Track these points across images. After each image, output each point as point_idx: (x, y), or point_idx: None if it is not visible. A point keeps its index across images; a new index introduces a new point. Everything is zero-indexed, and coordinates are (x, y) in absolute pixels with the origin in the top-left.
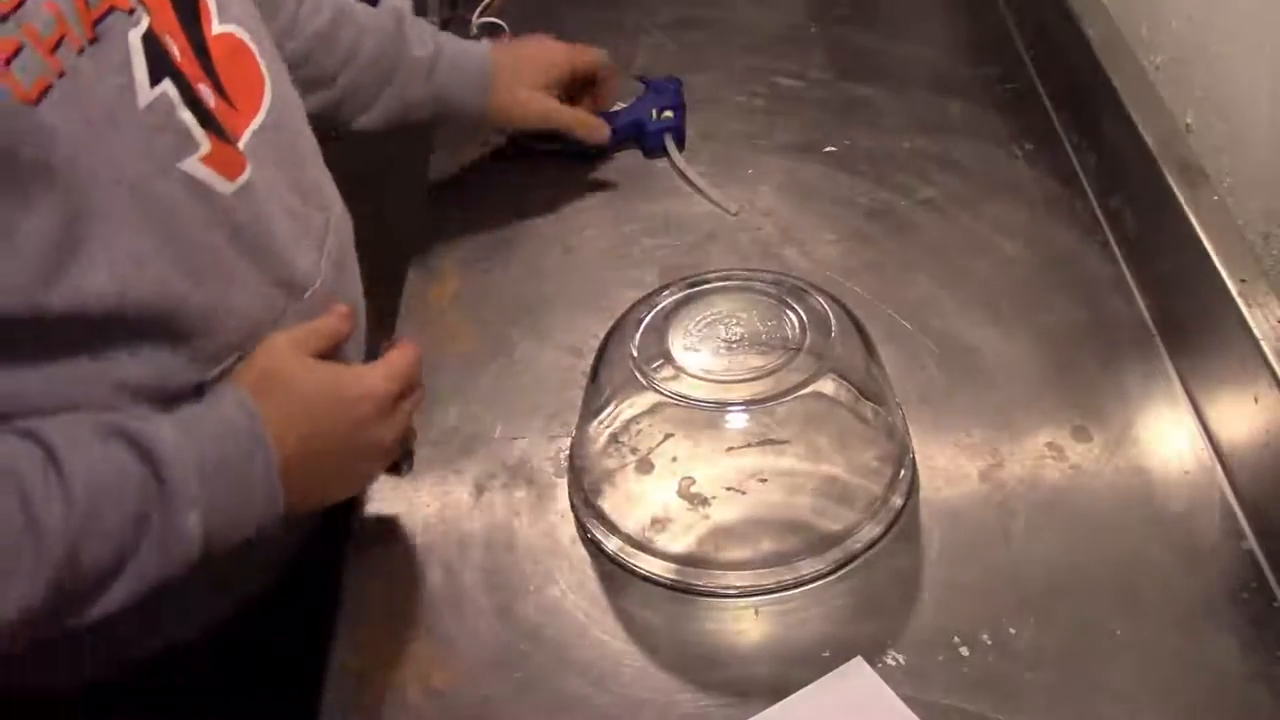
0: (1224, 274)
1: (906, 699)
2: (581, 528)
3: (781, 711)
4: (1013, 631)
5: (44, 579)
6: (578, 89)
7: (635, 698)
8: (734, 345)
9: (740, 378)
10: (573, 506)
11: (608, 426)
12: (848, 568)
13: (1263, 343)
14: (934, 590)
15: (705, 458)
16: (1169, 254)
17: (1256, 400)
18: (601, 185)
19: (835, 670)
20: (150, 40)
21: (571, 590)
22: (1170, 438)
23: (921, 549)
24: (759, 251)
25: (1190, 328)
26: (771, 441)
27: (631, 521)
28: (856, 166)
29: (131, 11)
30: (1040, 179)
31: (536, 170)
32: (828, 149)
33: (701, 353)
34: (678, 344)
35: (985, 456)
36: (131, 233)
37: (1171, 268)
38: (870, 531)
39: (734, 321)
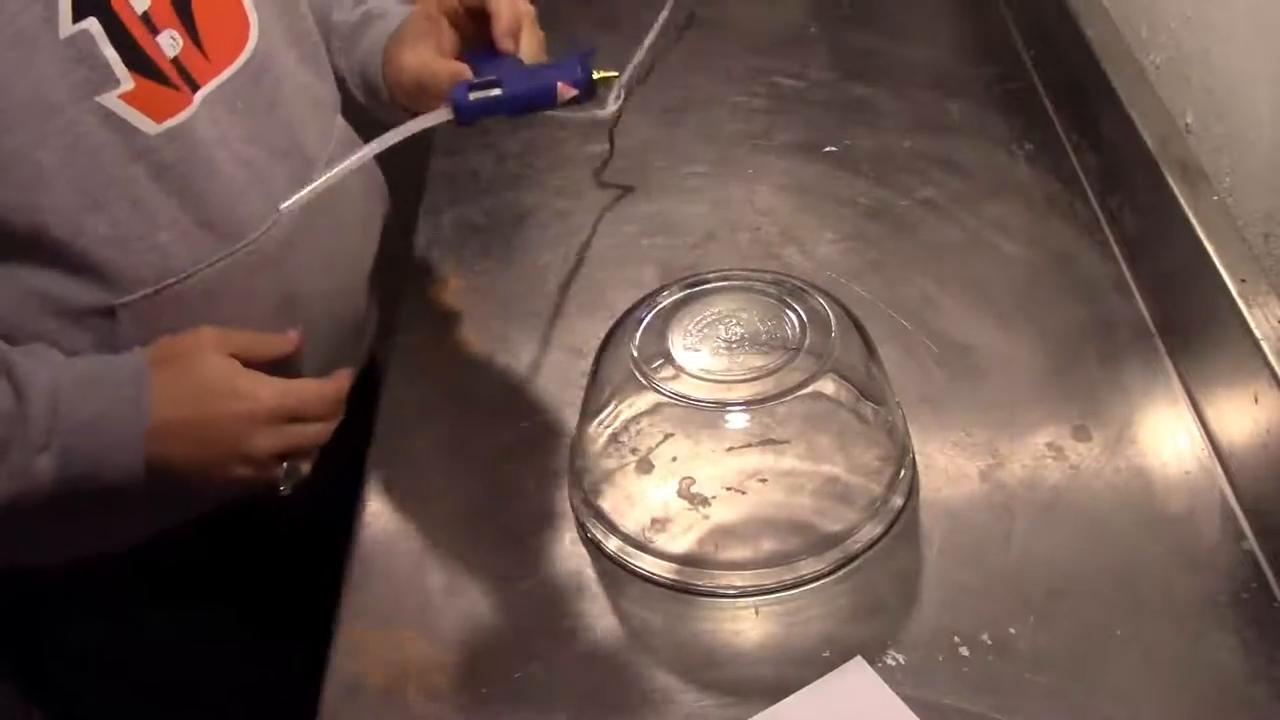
0: (1224, 274)
1: (906, 699)
2: (581, 528)
3: (781, 711)
4: (1013, 631)
5: None
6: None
7: (635, 697)
8: (734, 345)
9: (740, 378)
10: (573, 507)
11: (608, 426)
12: (848, 568)
13: (1263, 343)
14: (934, 590)
15: (705, 457)
16: (1169, 254)
17: (1256, 400)
18: (601, 185)
19: (835, 670)
20: None
21: (571, 590)
22: (1170, 438)
23: (921, 549)
24: (759, 251)
25: (1190, 328)
26: (771, 441)
27: (631, 521)
28: (856, 166)
29: None
30: (1040, 179)
31: (537, 169)
32: (828, 149)
33: (701, 353)
34: (678, 344)
35: (985, 456)
36: (40, 153)
37: (1171, 268)
38: (870, 531)
39: (734, 321)
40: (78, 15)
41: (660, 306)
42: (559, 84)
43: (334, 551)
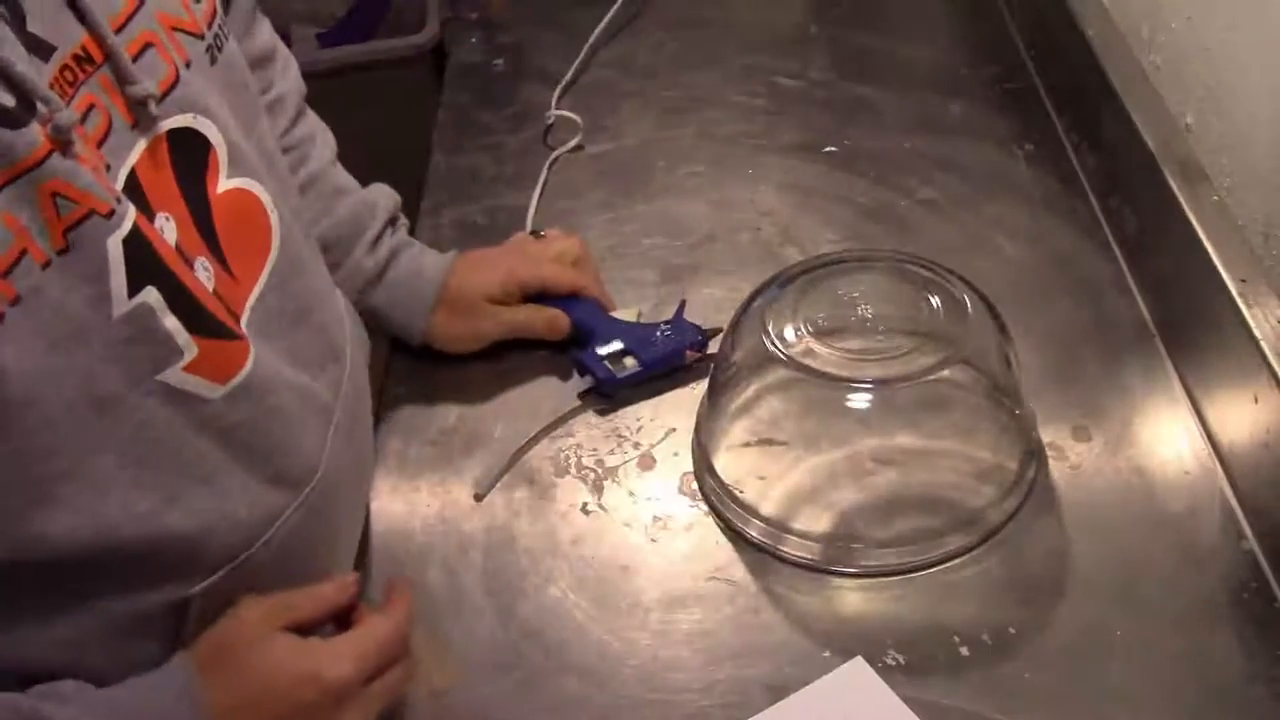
0: (1224, 274)
1: (906, 699)
2: (717, 514)
3: (781, 711)
4: (1013, 631)
5: None
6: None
7: (635, 698)
8: (867, 325)
9: (869, 358)
10: (701, 488)
11: (737, 403)
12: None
13: (1263, 343)
14: (933, 590)
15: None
16: (1169, 254)
17: (1256, 400)
18: (601, 185)
19: (835, 670)
20: (135, 242)
21: (571, 590)
22: (1170, 438)
23: None
24: (759, 251)
25: (1190, 328)
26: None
27: (768, 503)
28: (856, 166)
29: (111, 214)
30: (1040, 179)
31: (537, 169)
32: (828, 149)
33: (834, 332)
34: (810, 322)
35: None
36: (97, 458)
37: (1171, 268)
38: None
39: (868, 303)
40: (135, 287)
41: (795, 284)
42: (687, 351)
43: None
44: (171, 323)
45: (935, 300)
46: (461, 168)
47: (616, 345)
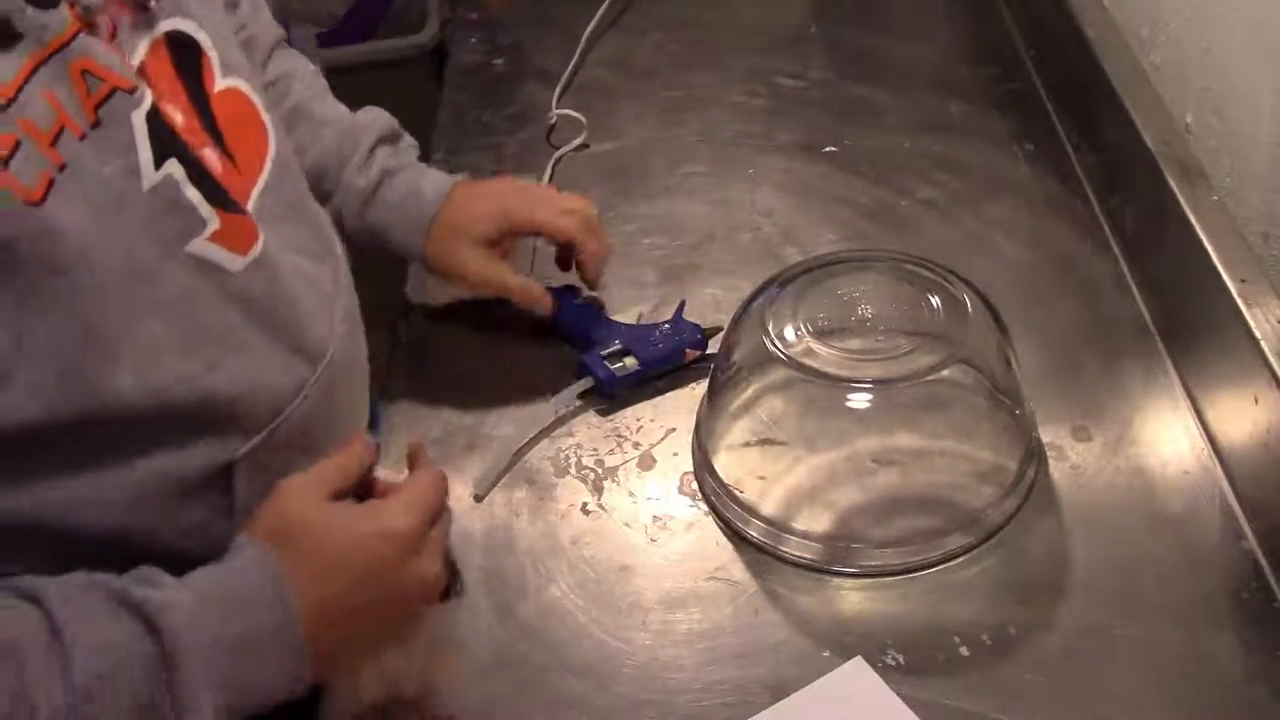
0: (1224, 274)
1: (906, 699)
2: (717, 514)
3: (781, 711)
4: (1013, 631)
5: None
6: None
7: (635, 698)
8: (867, 325)
9: (870, 358)
10: (701, 488)
11: (738, 403)
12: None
13: (1263, 343)
14: (933, 590)
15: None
16: (1169, 254)
17: (1256, 400)
18: (601, 185)
19: (835, 670)
20: (154, 119)
21: (571, 590)
22: (1170, 438)
23: None
24: (759, 251)
25: (1190, 328)
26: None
27: (768, 503)
28: (856, 166)
29: (134, 91)
30: (1040, 179)
31: (536, 169)
32: (828, 149)
33: (834, 332)
34: (811, 322)
35: None
36: (145, 324)
37: (1171, 268)
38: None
39: (868, 303)
40: (159, 160)
41: (794, 283)
42: (686, 350)
43: None
44: (194, 194)
45: (935, 300)
46: (461, 168)
47: (616, 345)
